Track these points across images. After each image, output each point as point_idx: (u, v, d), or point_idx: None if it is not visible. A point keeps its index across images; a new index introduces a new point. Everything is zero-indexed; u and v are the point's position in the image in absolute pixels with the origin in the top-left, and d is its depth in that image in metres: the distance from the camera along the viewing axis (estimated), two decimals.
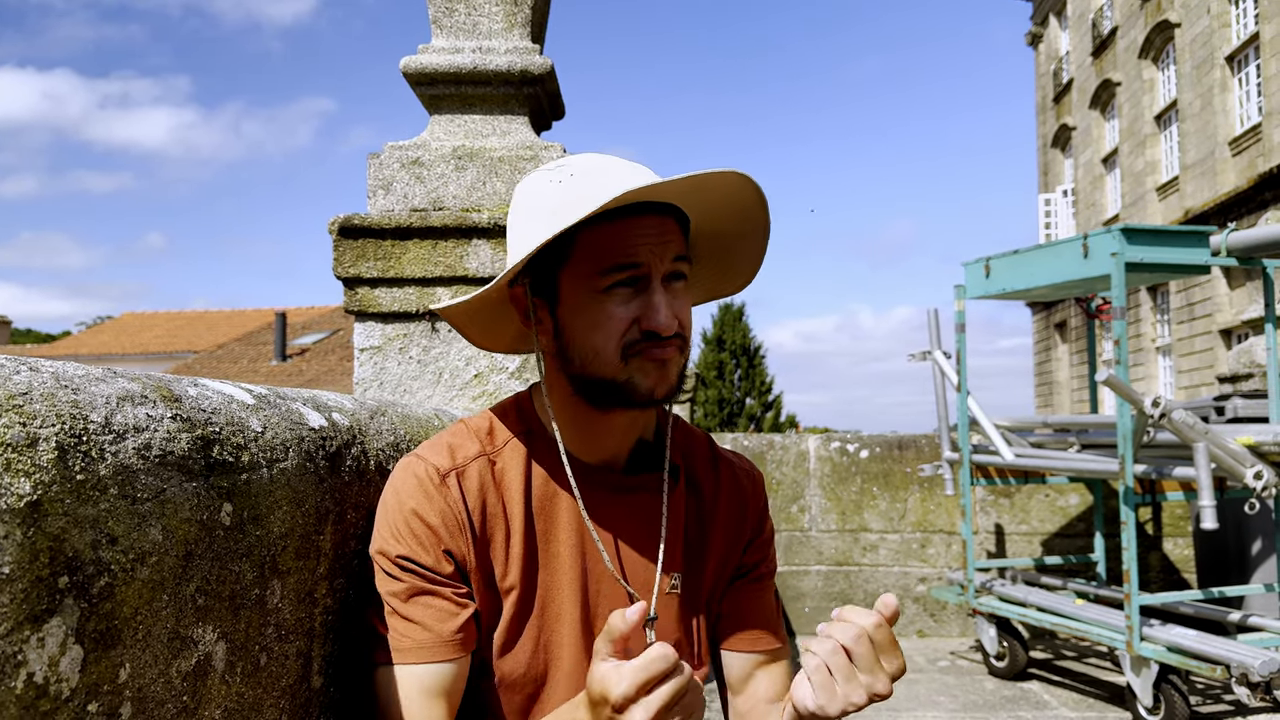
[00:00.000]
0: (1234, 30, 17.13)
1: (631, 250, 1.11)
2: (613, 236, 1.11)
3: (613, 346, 1.12)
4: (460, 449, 1.19)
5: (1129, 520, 4.02)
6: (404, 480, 1.16)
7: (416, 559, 1.12)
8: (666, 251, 1.13)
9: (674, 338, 1.13)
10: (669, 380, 1.14)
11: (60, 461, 0.69)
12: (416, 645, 1.10)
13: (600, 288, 1.12)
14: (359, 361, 2.34)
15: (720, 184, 1.13)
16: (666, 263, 1.13)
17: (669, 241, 1.13)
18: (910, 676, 5.10)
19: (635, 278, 1.12)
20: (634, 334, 1.12)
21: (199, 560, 0.84)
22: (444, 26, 2.45)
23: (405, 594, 1.12)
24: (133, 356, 33.44)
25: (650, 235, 1.12)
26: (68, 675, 0.68)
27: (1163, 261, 4.22)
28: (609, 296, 1.12)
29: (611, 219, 1.11)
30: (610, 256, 1.12)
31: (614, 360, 1.13)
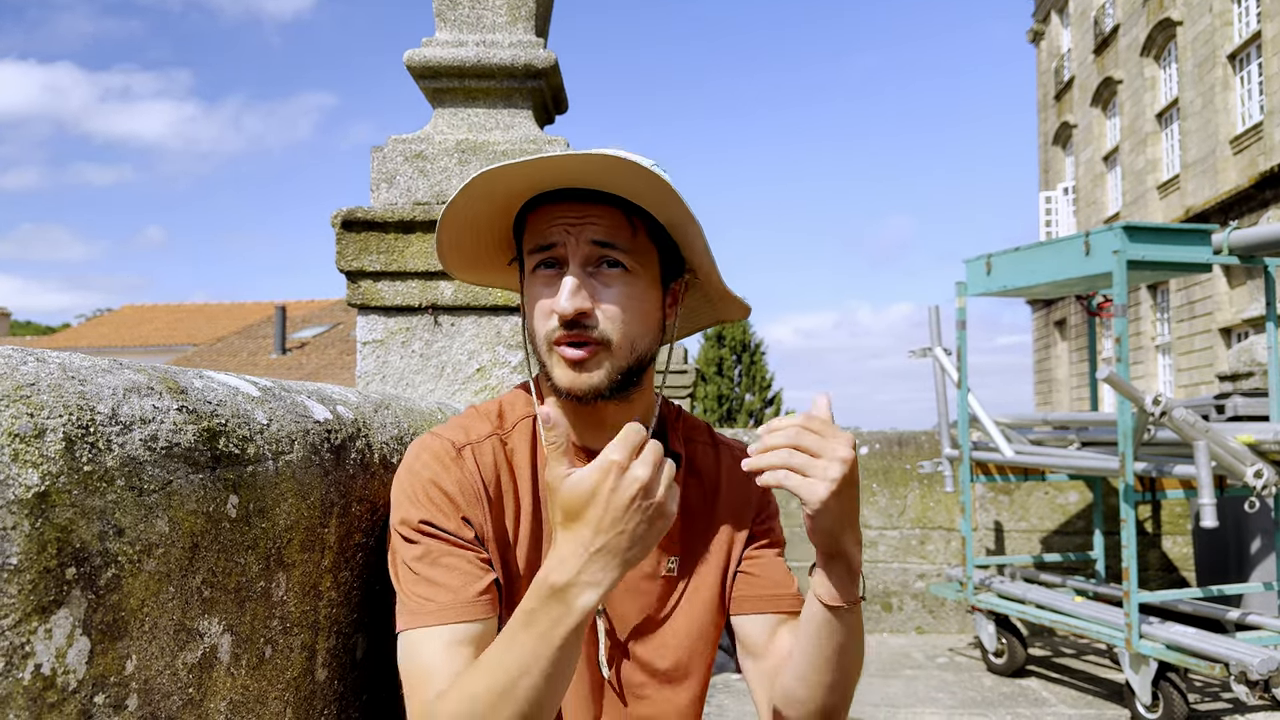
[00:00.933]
0: (1236, 28, 17.11)
1: (547, 231, 1.14)
2: (539, 220, 1.16)
3: (540, 331, 1.16)
4: (473, 428, 1.21)
5: (1128, 518, 4.03)
6: (420, 454, 1.17)
7: (437, 523, 1.12)
8: (584, 233, 1.13)
9: (576, 327, 1.12)
10: (585, 381, 1.13)
11: (68, 452, 0.69)
12: (442, 606, 1.09)
13: (531, 268, 1.17)
14: (361, 355, 2.34)
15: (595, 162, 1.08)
16: (584, 244, 1.13)
17: (588, 224, 1.13)
18: (909, 673, 5.11)
19: (553, 259, 1.15)
20: (553, 320, 1.13)
21: (205, 552, 0.84)
22: (448, 20, 2.45)
23: (428, 557, 1.11)
24: (132, 349, 33.42)
25: (567, 218, 1.14)
26: (75, 667, 0.68)
27: (1164, 260, 4.21)
28: (535, 278, 1.16)
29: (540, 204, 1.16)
30: (533, 237, 1.16)
31: (545, 346, 1.16)
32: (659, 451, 0.97)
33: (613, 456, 0.94)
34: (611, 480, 0.93)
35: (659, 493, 0.95)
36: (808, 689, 1.16)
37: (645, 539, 0.96)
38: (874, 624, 6.12)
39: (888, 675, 5.05)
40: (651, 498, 0.95)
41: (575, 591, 0.95)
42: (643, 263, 1.17)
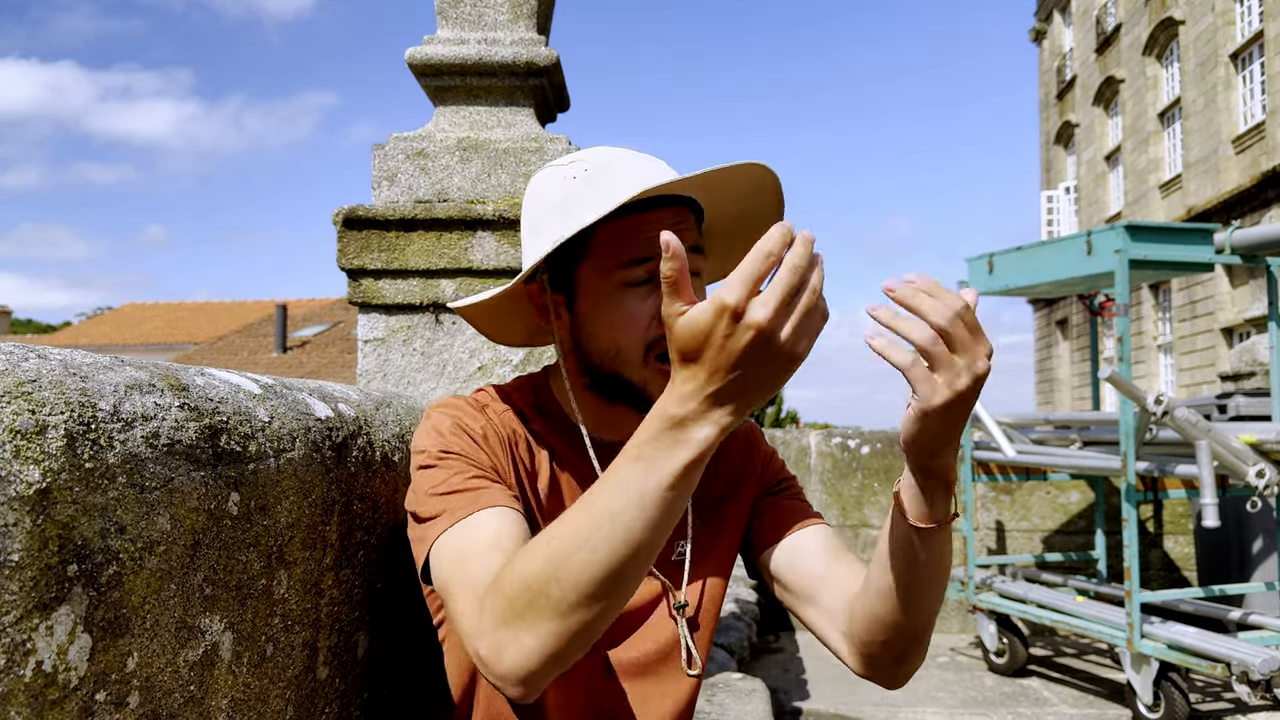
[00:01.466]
0: (1238, 28, 17.09)
1: (650, 243, 1.10)
2: (630, 230, 1.11)
3: (635, 343, 1.12)
4: (490, 402, 1.22)
5: (1130, 517, 4.02)
6: (446, 407, 1.16)
7: (467, 454, 1.09)
8: (685, 242, 1.10)
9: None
10: None
11: (69, 449, 0.68)
12: (482, 500, 1.04)
13: (620, 283, 1.12)
14: (362, 353, 2.34)
15: (737, 177, 1.12)
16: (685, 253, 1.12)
17: (685, 232, 1.12)
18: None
19: (654, 272, 1.11)
20: (656, 329, 1.10)
21: (206, 549, 0.84)
22: (449, 17, 2.44)
23: (459, 476, 1.07)
24: (133, 347, 33.43)
25: (668, 226, 1.11)
26: (76, 664, 0.68)
27: (1166, 259, 4.21)
28: (629, 292, 1.12)
29: (628, 213, 1.11)
30: (629, 250, 1.11)
31: (636, 359, 1.12)
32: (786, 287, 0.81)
33: (726, 298, 0.80)
34: (725, 325, 0.81)
35: (784, 335, 0.82)
36: (894, 613, 1.07)
37: (770, 383, 0.85)
38: None
39: None
40: (775, 342, 0.82)
41: (695, 424, 0.84)
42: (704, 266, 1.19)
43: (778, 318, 0.81)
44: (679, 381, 0.85)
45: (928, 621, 1.10)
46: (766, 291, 0.81)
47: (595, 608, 0.87)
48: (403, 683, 1.35)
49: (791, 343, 0.82)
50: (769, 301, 0.80)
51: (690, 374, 0.84)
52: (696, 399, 0.84)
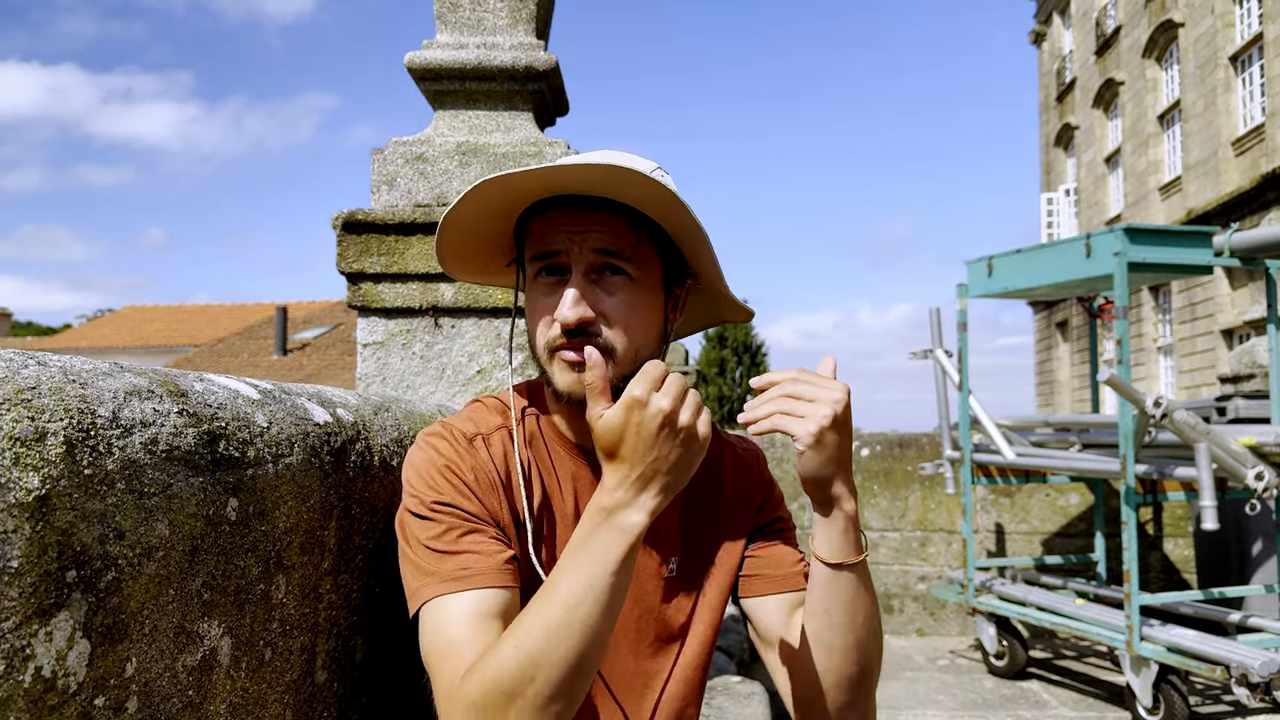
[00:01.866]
0: (1238, 30, 17.10)
1: (550, 239, 1.15)
2: (541, 227, 1.16)
3: (540, 339, 1.17)
4: (482, 420, 1.22)
5: (1129, 520, 4.03)
6: (433, 443, 1.17)
7: (457, 504, 1.11)
8: (588, 241, 1.13)
9: (580, 334, 1.12)
10: (580, 384, 1.14)
11: (68, 456, 0.69)
12: (471, 572, 1.07)
13: (533, 275, 1.18)
14: (362, 357, 2.34)
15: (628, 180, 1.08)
16: (588, 253, 1.13)
17: (591, 232, 1.13)
18: (910, 675, 5.11)
19: (555, 266, 1.15)
20: (554, 328, 1.14)
21: (205, 555, 0.84)
22: (448, 22, 2.45)
23: (449, 535, 1.09)
24: (133, 349, 33.45)
25: (570, 225, 1.14)
26: (75, 669, 0.68)
27: (1166, 261, 4.21)
28: (537, 284, 1.17)
29: (543, 211, 1.16)
30: (535, 245, 1.17)
31: (543, 352, 1.17)
32: (681, 382, 1.01)
33: (634, 393, 0.97)
34: (636, 415, 0.97)
35: (684, 419, 0.99)
36: (826, 655, 1.15)
37: (683, 463, 1.01)
38: None
39: (888, 677, 5.05)
40: (678, 425, 0.99)
41: (625, 512, 0.99)
42: (645, 269, 1.17)
43: (677, 403, 0.98)
44: (606, 476, 1.00)
45: (860, 674, 1.15)
46: (666, 384, 0.99)
47: (569, 698, 0.98)
48: (401, 687, 1.36)
49: (691, 423, 1.00)
50: (669, 391, 0.99)
51: (615, 467, 0.99)
52: (623, 487, 0.99)
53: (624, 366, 1.15)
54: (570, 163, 1.07)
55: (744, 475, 1.35)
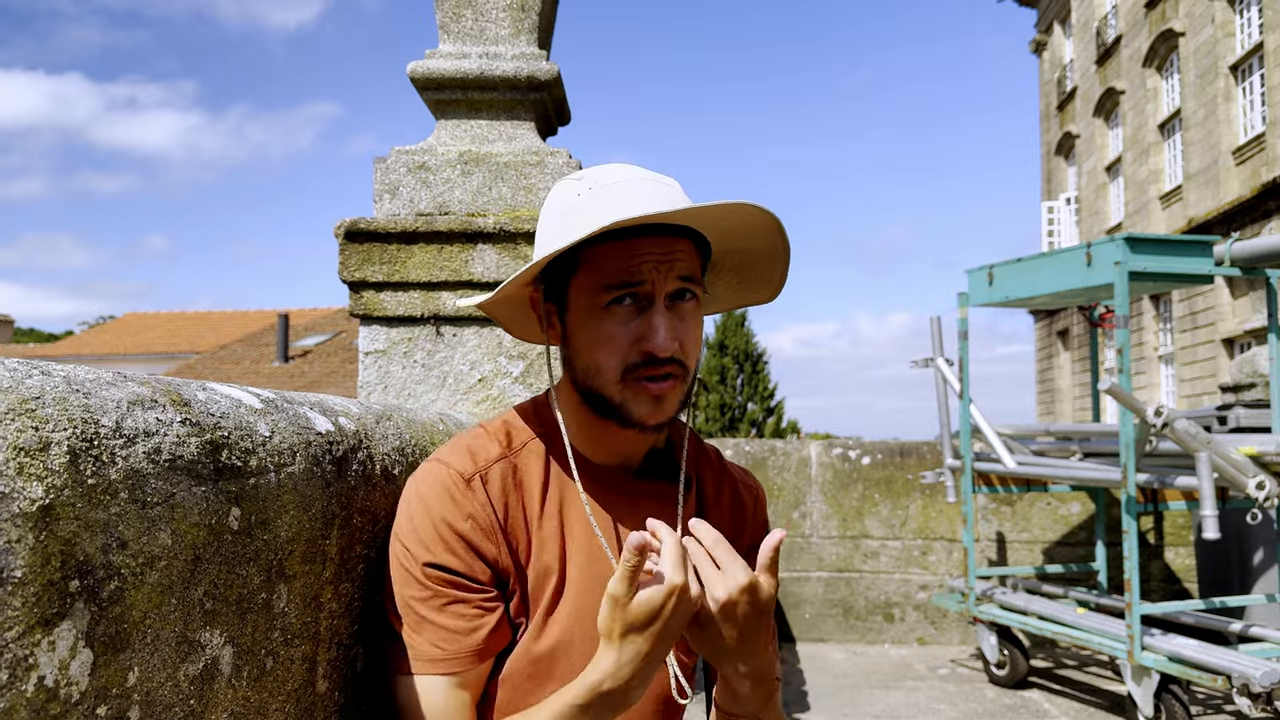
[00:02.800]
0: (1238, 40, 17.13)
1: (634, 268, 1.12)
2: (617, 254, 1.12)
3: (613, 365, 1.14)
4: (481, 452, 1.20)
5: (1131, 529, 4.02)
6: (429, 487, 1.16)
7: (447, 565, 1.12)
8: (671, 270, 1.12)
9: (670, 362, 1.12)
10: (664, 412, 1.15)
11: (72, 466, 0.69)
12: (447, 655, 1.12)
13: (602, 303, 1.14)
14: (364, 365, 2.34)
15: (731, 217, 1.13)
16: (671, 281, 1.13)
17: (675, 260, 1.13)
18: (910, 684, 5.10)
19: (637, 295, 1.13)
20: (634, 356, 1.13)
21: (207, 564, 0.84)
22: (451, 32, 2.46)
23: (433, 601, 1.13)
24: (135, 356, 33.46)
25: (654, 254, 1.12)
26: (78, 678, 0.68)
27: (1166, 271, 4.22)
28: (610, 313, 1.14)
29: (619, 236, 1.12)
30: (613, 274, 1.13)
31: (614, 380, 1.14)
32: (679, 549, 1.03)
33: (676, 580, 1.00)
34: (674, 600, 1.00)
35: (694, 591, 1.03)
36: None
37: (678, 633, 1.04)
38: (876, 635, 6.11)
39: (889, 686, 5.04)
40: (692, 606, 1.03)
41: (630, 694, 1.03)
42: (702, 287, 1.19)
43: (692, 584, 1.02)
44: (614, 652, 1.02)
45: None
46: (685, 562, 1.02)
47: None
48: None
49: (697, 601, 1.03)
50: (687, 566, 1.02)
51: (631, 644, 1.01)
52: (633, 667, 1.01)
53: (688, 385, 1.18)
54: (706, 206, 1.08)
55: (741, 510, 1.36)
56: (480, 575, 1.14)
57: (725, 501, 1.34)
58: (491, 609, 1.14)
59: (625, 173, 1.19)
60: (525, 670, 1.18)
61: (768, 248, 1.21)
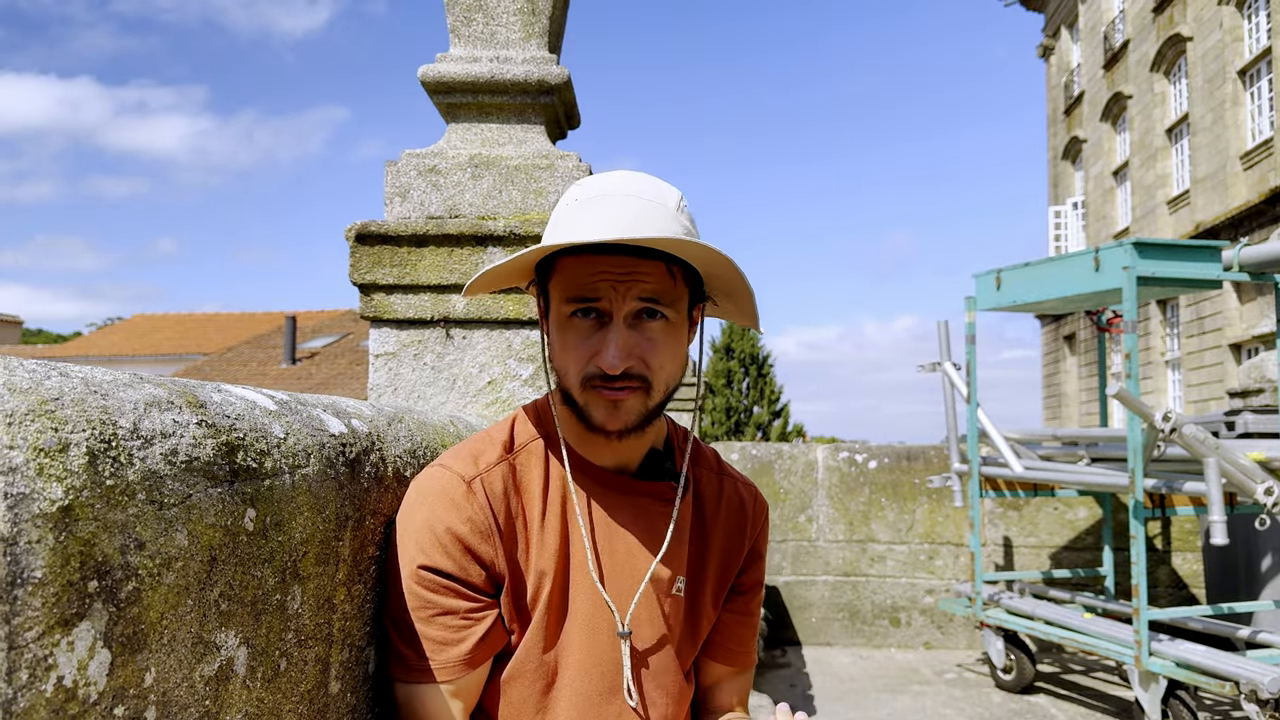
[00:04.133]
0: (1246, 44, 17.10)
1: (590, 285, 1.14)
2: (579, 268, 1.15)
3: (573, 373, 1.17)
4: (483, 456, 1.22)
5: (1138, 534, 4.01)
6: (430, 490, 1.18)
7: (441, 568, 1.14)
8: (631, 290, 1.13)
9: (624, 378, 1.14)
10: (623, 419, 1.16)
11: (91, 467, 0.70)
12: (435, 666, 1.14)
13: (567, 314, 1.17)
14: (374, 367, 2.35)
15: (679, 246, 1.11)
16: (630, 301, 1.14)
17: (636, 281, 1.13)
18: (916, 688, 5.09)
19: (596, 311, 1.15)
20: (590, 368, 1.15)
21: (223, 565, 0.84)
22: (462, 35, 2.46)
23: (425, 611, 1.15)
24: (143, 358, 33.54)
25: (612, 273, 1.13)
26: (96, 679, 0.68)
27: (1174, 276, 4.21)
28: (572, 324, 1.17)
29: (583, 251, 1.15)
30: (573, 288, 1.16)
31: (575, 385, 1.17)
32: None
33: None
34: None
35: None
36: None
37: None
38: (882, 639, 6.10)
39: (896, 691, 5.03)
40: None
41: None
42: (679, 307, 1.19)
43: None
44: None
45: None
46: None
47: None
48: None
49: None
50: None
51: None
52: None
53: (656, 399, 1.18)
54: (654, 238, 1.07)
55: (741, 514, 1.37)
56: (474, 578, 1.15)
57: (723, 501, 1.35)
58: (479, 619, 1.16)
59: (617, 185, 1.19)
60: (530, 671, 1.20)
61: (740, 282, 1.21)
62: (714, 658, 1.36)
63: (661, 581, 1.25)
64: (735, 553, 1.35)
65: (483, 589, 1.16)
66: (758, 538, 1.38)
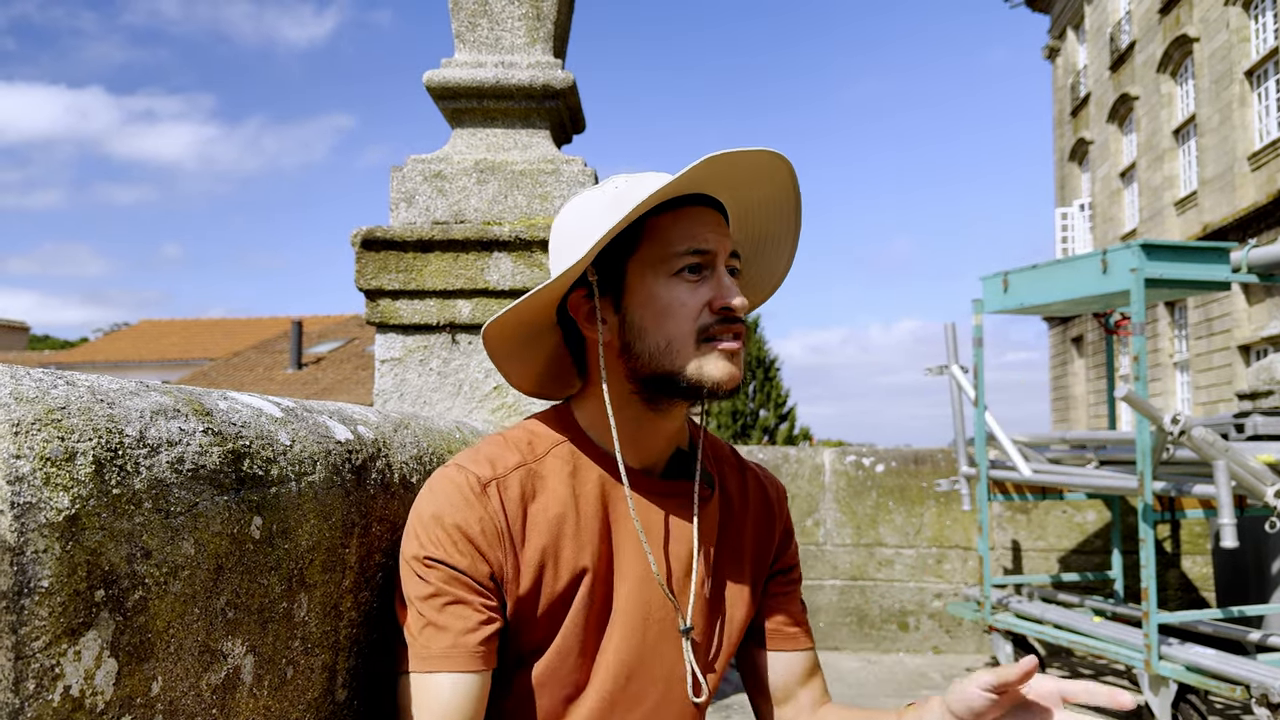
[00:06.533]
0: (1253, 44, 17.05)
1: (701, 235, 1.16)
2: (681, 222, 1.17)
3: (687, 331, 1.15)
4: (500, 460, 1.19)
5: (1147, 537, 4.00)
6: (443, 488, 1.15)
7: (451, 562, 1.11)
8: (726, 242, 1.18)
9: (739, 321, 1.16)
10: (737, 374, 1.17)
11: (97, 476, 0.69)
12: (442, 654, 1.10)
13: (670, 271, 1.16)
14: (380, 373, 2.35)
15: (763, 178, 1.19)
16: (726, 252, 1.18)
17: (727, 233, 1.19)
18: (925, 693, 5.07)
19: (703, 264, 1.17)
20: (706, 317, 1.15)
21: (229, 573, 0.84)
22: (467, 41, 2.47)
23: (435, 600, 1.11)
24: (150, 363, 33.63)
25: (713, 224, 1.18)
26: (103, 688, 0.68)
27: (1183, 278, 4.20)
28: (678, 281, 1.16)
29: (676, 207, 1.17)
30: (682, 240, 1.16)
31: (688, 348, 1.15)
32: None
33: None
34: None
35: None
36: None
37: None
38: (890, 643, 6.09)
39: (904, 695, 5.02)
40: None
41: None
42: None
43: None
44: None
45: None
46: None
47: None
48: None
49: None
50: None
51: None
52: None
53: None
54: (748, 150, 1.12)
55: (766, 504, 1.36)
56: (481, 577, 1.12)
57: (751, 497, 1.35)
58: (491, 618, 1.13)
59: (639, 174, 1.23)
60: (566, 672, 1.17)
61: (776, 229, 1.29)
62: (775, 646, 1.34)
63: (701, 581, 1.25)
64: (767, 541, 1.34)
65: (492, 592, 1.14)
66: (785, 521, 1.38)
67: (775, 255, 1.32)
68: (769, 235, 1.29)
